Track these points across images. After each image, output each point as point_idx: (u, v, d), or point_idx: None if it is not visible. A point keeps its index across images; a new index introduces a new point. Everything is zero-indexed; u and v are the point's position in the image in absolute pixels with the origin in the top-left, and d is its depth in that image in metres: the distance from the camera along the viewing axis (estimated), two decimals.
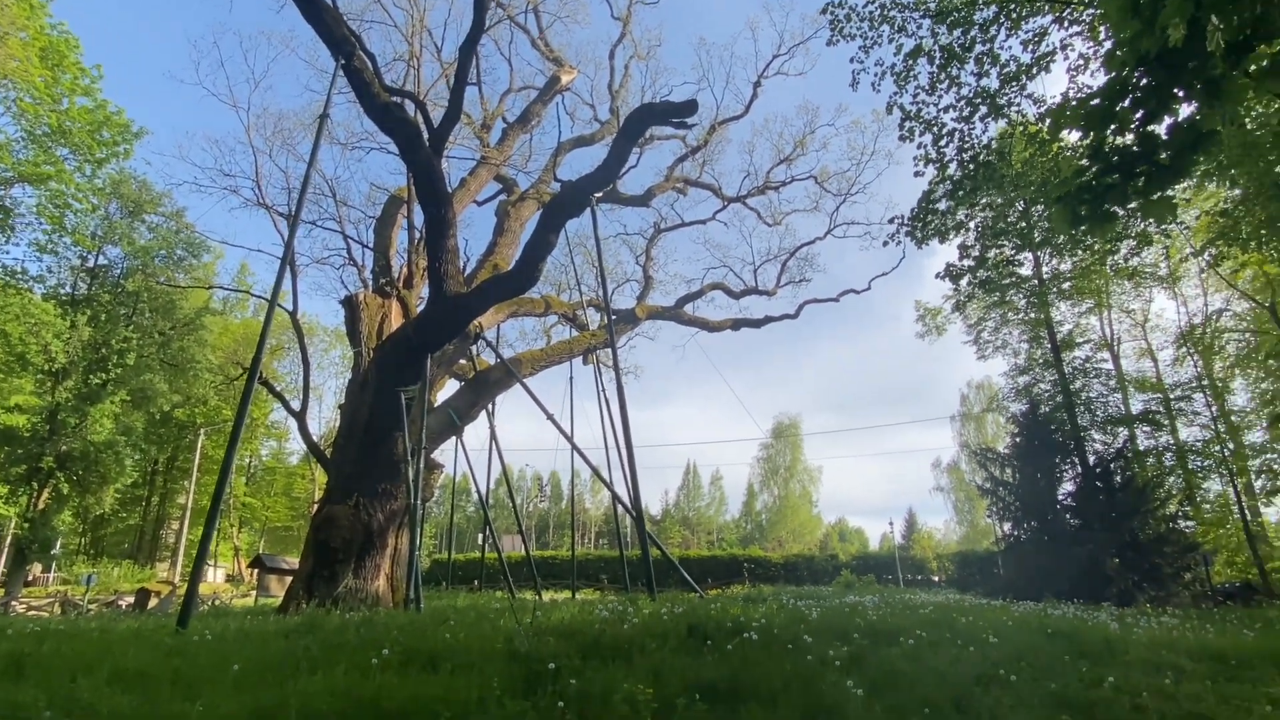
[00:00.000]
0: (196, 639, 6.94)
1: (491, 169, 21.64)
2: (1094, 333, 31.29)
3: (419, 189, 14.61)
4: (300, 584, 14.77)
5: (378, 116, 13.26)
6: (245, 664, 5.30)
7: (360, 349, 18.56)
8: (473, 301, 14.36)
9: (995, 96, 8.16)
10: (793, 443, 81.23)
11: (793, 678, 5.26)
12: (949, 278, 9.05)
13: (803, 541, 72.28)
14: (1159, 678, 6.52)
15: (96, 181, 29.25)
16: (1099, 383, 27.91)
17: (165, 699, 4.57)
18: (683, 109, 12.00)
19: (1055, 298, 27.40)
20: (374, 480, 15.11)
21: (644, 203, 25.47)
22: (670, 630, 6.65)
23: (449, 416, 19.37)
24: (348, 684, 4.76)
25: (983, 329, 30.54)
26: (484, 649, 5.78)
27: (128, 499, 47.20)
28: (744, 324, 25.32)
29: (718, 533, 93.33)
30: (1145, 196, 3.97)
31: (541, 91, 22.94)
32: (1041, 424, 23.44)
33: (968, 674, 6.16)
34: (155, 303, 35.07)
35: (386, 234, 21.02)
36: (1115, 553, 19.75)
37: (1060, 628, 8.72)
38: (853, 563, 34.93)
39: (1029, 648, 7.23)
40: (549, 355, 21.48)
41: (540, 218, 13.67)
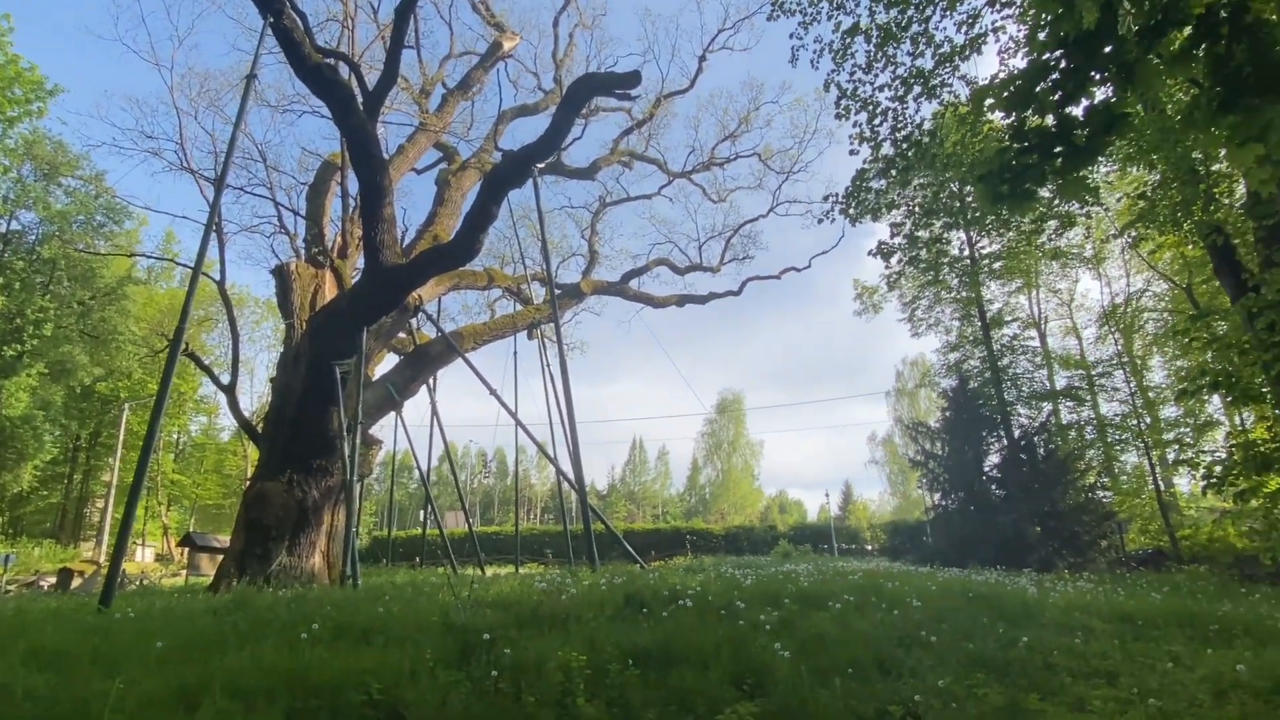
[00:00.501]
0: (119, 617, 6.73)
1: (431, 136, 21.10)
2: (1022, 311, 32.58)
3: (353, 155, 14.14)
4: (232, 562, 14.43)
5: (309, 78, 12.75)
6: (169, 642, 5.16)
7: (292, 321, 17.98)
8: (411, 273, 14.06)
9: (929, 77, 8.33)
10: (736, 418, 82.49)
11: (724, 642, 5.39)
12: (881, 255, 9.27)
13: (744, 514, 73.70)
14: (1071, 638, 6.88)
15: (8, 142, 27.46)
16: (1026, 359, 29.12)
17: (84, 677, 4.43)
18: (627, 80, 11.90)
19: (986, 277, 28.32)
20: (308, 456, 14.78)
21: (589, 175, 25.24)
22: (608, 600, 6.72)
23: (387, 391, 19.00)
24: (275, 659, 4.68)
25: (917, 307, 31.41)
26: (419, 622, 5.76)
27: (48, 476, 44.97)
28: (689, 300, 25.46)
29: (662, 507, 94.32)
30: (1063, 176, 4.11)
31: (483, 58, 22.39)
32: (970, 399, 24.32)
33: (891, 636, 6.41)
34: (74, 271, 33.18)
35: (320, 201, 20.33)
36: (1037, 521, 20.75)
37: (981, 592, 9.12)
38: (790, 533, 35.79)
39: (950, 611, 7.55)
40: (492, 329, 21.23)
41: (481, 188, 13.41)
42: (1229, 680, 5.07)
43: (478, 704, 4.21)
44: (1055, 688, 5.32)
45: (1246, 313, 9.27)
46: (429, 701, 4.12)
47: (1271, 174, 4.68)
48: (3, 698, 4.08)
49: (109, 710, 3.90)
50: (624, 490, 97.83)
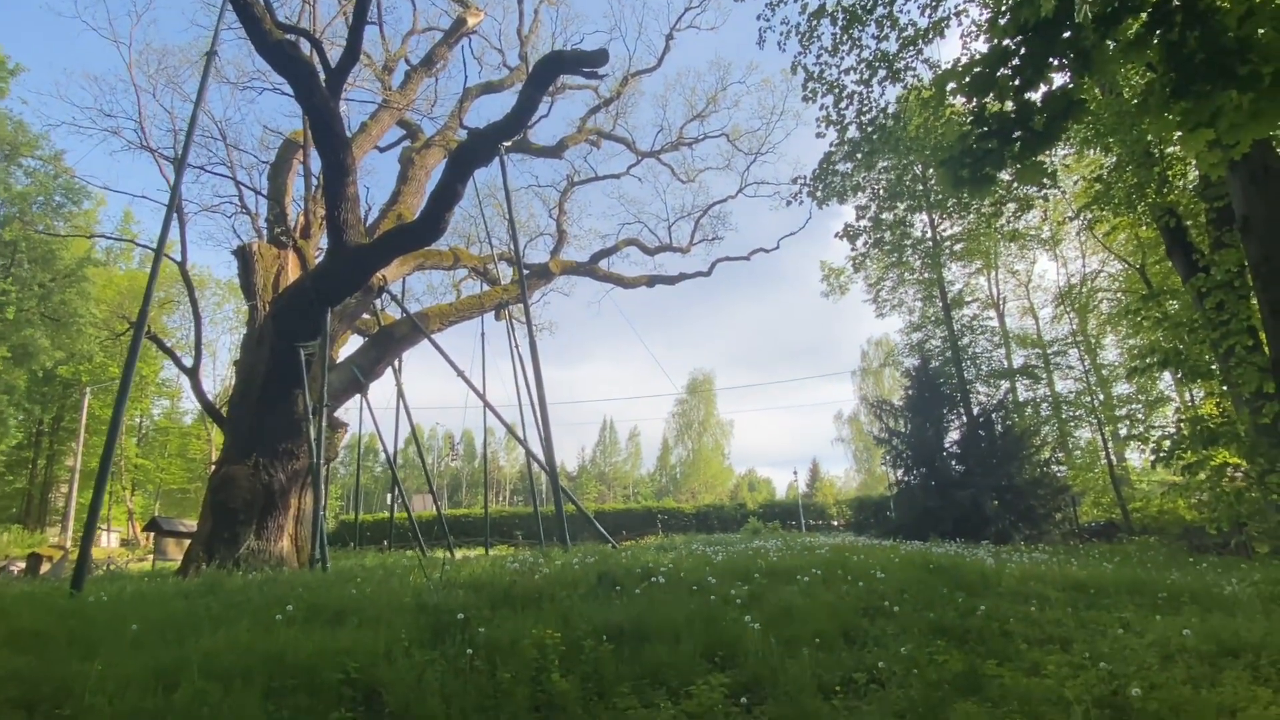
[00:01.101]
0: (92, 600, 6.67)
1: (394, 113, 20.74)
2: (982, 292, 33.23)
3: (316, 133, 13.86)
4: (199, 546, 14.26)
5: (270, 55, 12.45)
6: (144, 624, 5.14)
7: (255, 302, 17.67)
8: (375, 253, 13.89)
9: (894, 60, 8.42)
10: (706, 398, 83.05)
11: (695, 616, 5.52)
12: (846, 238, 9.38)
13: (714, 492, 74.39)
14: (1027, 606, 7.16)
15: None
16: (985, 339, 29.81)
17: (62, 660, 4.43)
18: (594, 58, 11.81)
19: (947, 259, 28.83)
20: (274, 440, 14.62)
21: (556, 154, 25.04)
22: (581, 579, 6.82)
23: (352, 373, 18.77)
24: (251, 640, 4.70)
25: (881, 288, 31.90)
26: (392, 603, 5.80)
27: (13, 461, 43.69)
28: (659, 280, 25.48)
29: (633, 487, 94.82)
30: (1021, 161, 4.23)
31: (447, 34, 21.99)
32: (931, 377, 24.83)
33: (856, 607, 6.62)
34: (34, 253, 32.01)
35: (282, 180, 19.93)
36: (994, 495, 21.34)
37: (941, 563, 9.39)
38: (760, 510, 36.28)
39: (912, 582, 7.79)
40: (458, 310, 21.06)
41: (446, 167, 13.27)
42: (1176, 645, 5.34)
43: (453, 681, 4.28)
44: (1011, 654, 5.54)
45: (1196, 292, 9.62)
46: (405, 680, 4.17)
47: (1221, 158, 4.86)
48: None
49: (90, 691, 3.90)
50: (594, 471, 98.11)
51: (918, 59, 8.62)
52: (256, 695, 3.91)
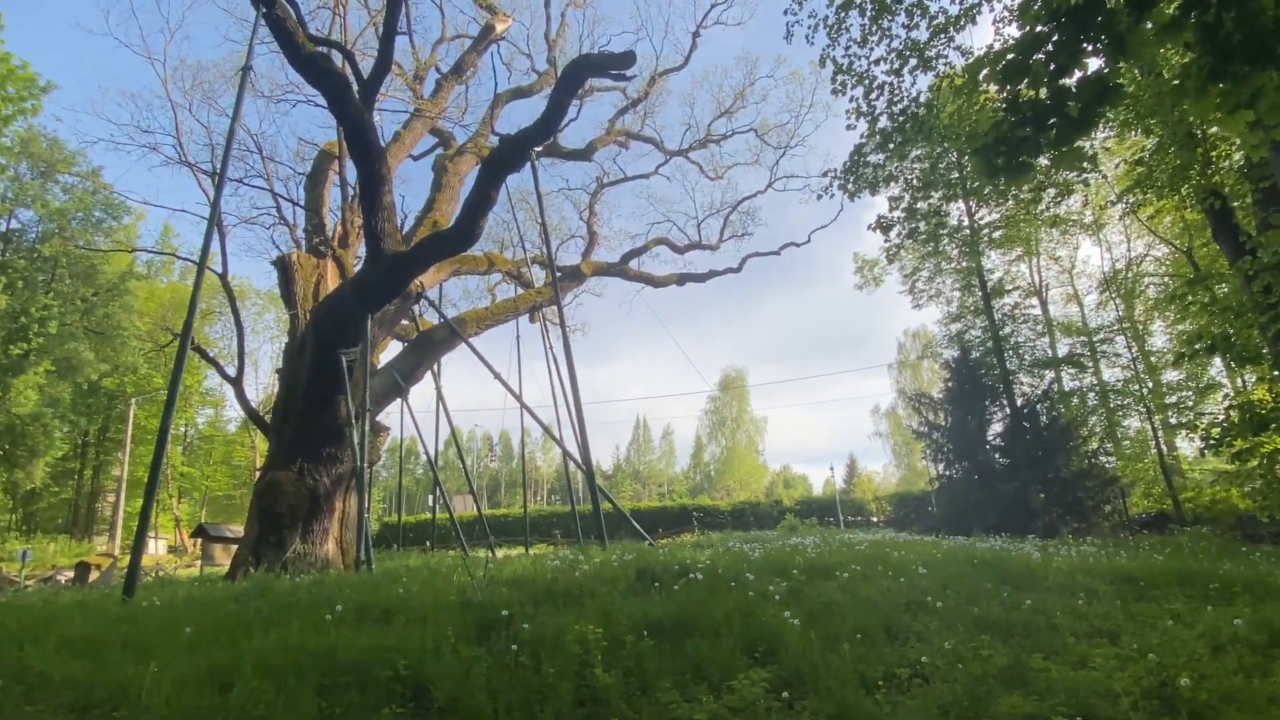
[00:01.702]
0: (145, 606, 6.90)
1: (426, 122, 21.05)
2: (1023, 280, 32.56)
3: (350, 144, 14.14)
4: (247, 551, 14.62)
5: (304, 68, 12.75)
6: (197, 627, 5.32)
7: (296, 311, 18.06)
8: (412, 260, 14.12)
9: (924, 49, 8.30)
10: (739, 395, 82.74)
11: (735, 612, 5.54)
12: (880, 229, 9.28)
13: (749, 489, 74.07)
14: (1074, 600, 7.04)
15: (3, 140, 27.41)
16: (1027, 328, 29.13)
17: (117, 663, 4.58)
18: (621, 60, 11.87)
19: (986, 246, 28.30)
20: (317, 445, 14.90)
21: (586, 156, 25.17)
22: (620, 576, 6.88)
23: (393, 378, 19.13)
24: (302, 640, 4.84)
25: (917, 278, 31.39)
26: (437, 601, 5.91)
27: (60, 472, 45.35)
28: (689, 278, 25.47)
29: (668, 485, 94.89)
30: (1057, 148, 4.17)
31: (475, 41, 22.25)
32: (972, 369, 24.42)
33: (898, 602, 6.57)
34: (75, 268, 33.23)
35: (318, 191, 20.34)
36: (1040, 488, 20.93)
37: (986, 558, 9.28)
38: (796, 507, 36.03)
39: (955, 577, 7.71)
40: (494, 314, 21.31)
41: (479, 174, 13.43)
42: (1227, 635, 5.21)
43: (500, 677, 4.36)
44: (1058, 647, 5.47)
45: (1244, 275, 9.32)
46: (452, 675, 4.27)
47: (1262, 139, 4.74)
48: (43, 684, 4.24)
49: (145, 693, 4.06)
50: (629, 470, 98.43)
51: (949, 46, 8.50)
52: (309, 692, 4.04)
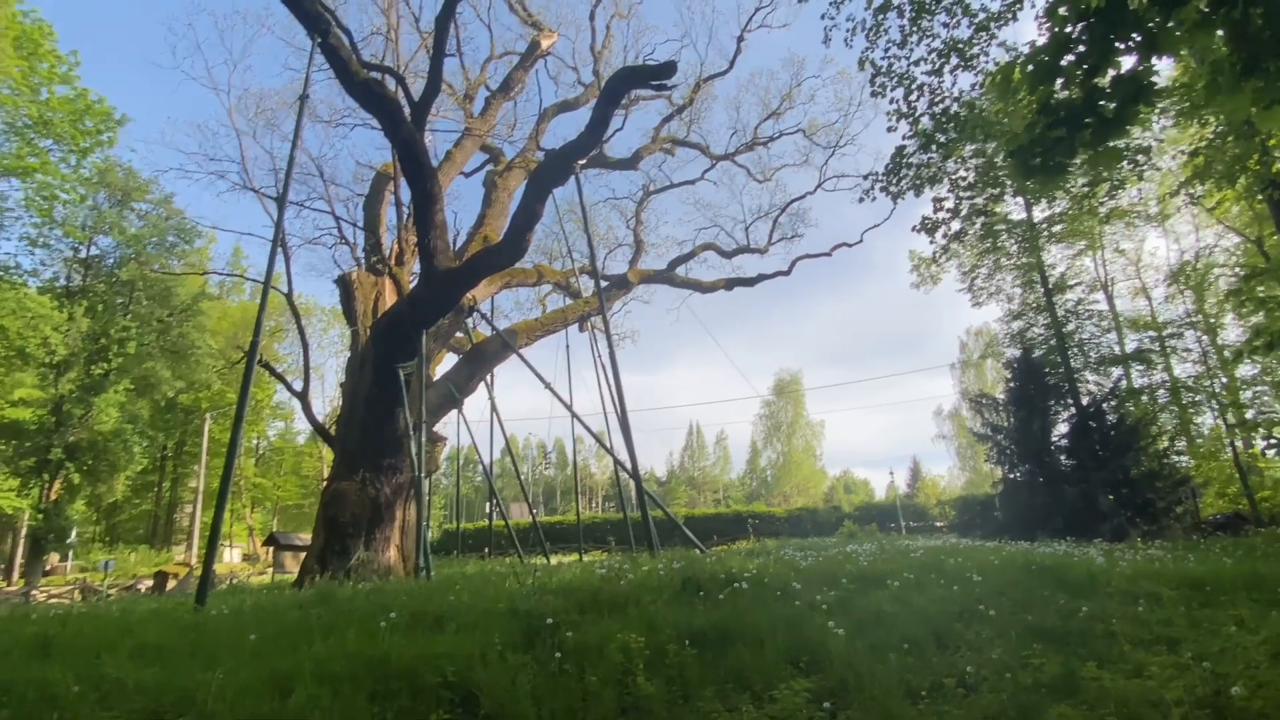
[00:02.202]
0: (215, 614, 7.26)
1: (476, 140, 21.55)
2: (1088, 274, 31.41)
3: (403, 164, 14.61)
4: (314, 559, 15.16)
5: (358, 94, 13.23)
6: (261, 634, 5.59)
7: (357, 328, 18.72)
8: (464, 275, 14.47)
9: (966, 47, 8.14)
10: (794, 398, 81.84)
11: (779, 621, 5.54)
12: (925, 231, 9.11)
13: (807, 495, 73.22)
14: (1134, 606, 6.82)
15: (82, 171, 29.15)
16: (1092, 324, 28.14)
17: (186, 670, 4.84)
18: (662, 70, 11.97)
19: (1046, 241, 27.47)
20: (378, 456, 15.34)
21: (632, 165, 25.36)
22: (666, 584, 6.94)
23: (448, 390, 19.60)
24: (358, 647, 5.04)
25: (976, 276, 30.62)
26: (487, 609, 6.08)
27: (139, 485, 47.73)
28: (737, 283, 25.39)
29: (723, 491, 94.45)
30: (1093, 148, 4.11)
31: (522, 58, 22.70)
32: (1034, 368, 23.72)
33: (950, 611, 6.46)
34: (151, 290, 35.09)
35: (375, 211, 21.04)
36: (1108, 490, 20.17)
37: (1045, 564, 9.02)
38: (856, 513, 35.50)
39: (1011, 584, 7.53)
40: (544, 325, 21.64)
41: (525, 188, 13.72)
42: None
43: (544, 684, 4.48)
44: (1114, 656, 5.32)
45: None
46: (499, 683, 4.40)
47: None
48: (116, 690, 4.52)
49: (211, 698, 4.30)
50: (684, 476, 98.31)
51: (992, 43, 8.35)
52: (363, 698, 4.22)
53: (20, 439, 30.24)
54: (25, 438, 30.25)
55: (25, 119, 25.49)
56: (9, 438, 29.98)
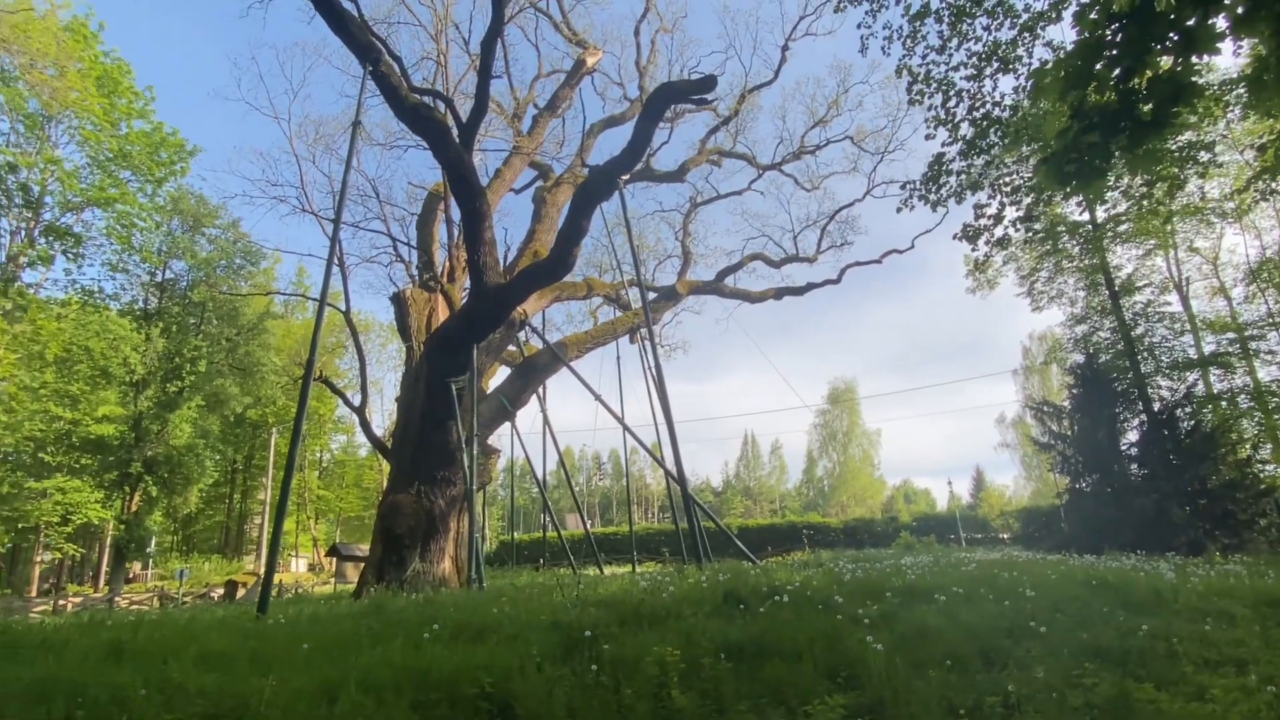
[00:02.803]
0: (273, 623, 7.55)
1: (525, 157, 21.98)
2: (1159, 274, 30.06)
3: (452, 184, 15.01)
4: (371, 569, 15.58)
5: (407, 118, 13.67)
6: (314, 643, 5.79)
7: (411, 343, 19.24)
8: (512, 291, 14.74)
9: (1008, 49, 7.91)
10: (850, 407, 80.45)
11: (818, 636, 5.49)
12: (967, 239, 8.85)
13: (865, 505, 71.81)
14: (1202, 625, 6.51)
15: (158, 200, 30.74)
16: (1163, 326, 26.89)
17: (244, 676, 5.06)
18: (702, 85, 12.07)
19: (1111, 242, 26.46)
20: (432, 468, 15.66)
21: (678, 178, 25.49)
22: (707, 597, 6.94)
23: (500, 403, 19.97)
24: (403, 657, 5.19)
25: (1036, 279, 29.64)
26: (529, 620, 6.18)
27: (212, 497, 49.80)
28: (786, 293, 25.21)
29: (780, 501, 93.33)
30: (1131, 152, 4.00)
31: (568, 76, 23.09)
32: (1100, 373, 22.82)
33: (999, 627, 6.28)
34: (220, 311, 36.86)
35: (428, 230, 21.63)
36: (1183, 501, 19.22)
37: (1107, 579, 8.69)
38: (914, 524, 34.63)
39: (1068, 600, 7.28)
40: (593, 337, 21.86)
41: (570, 204, 13.94)
42: None
43: (579, 696, 4.54)
44: (1175, 677, 5.11)
45: None
46: (536, 694, 4.48)
47: None
48: (179, 694, 4.75)
49: (265, 704, 4.49)
50: (739, 486, 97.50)
51: (1036, 43, 8.12)
52: (405, 707, 4.35)
53: (104, 454, 31.95)
54: (108, 452, 31.96)
55: (107, 152, 27.05)
56: (94, 452, 31.73)
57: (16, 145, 25.87)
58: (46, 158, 25.93)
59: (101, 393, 31.57)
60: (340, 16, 12.54)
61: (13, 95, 24.19)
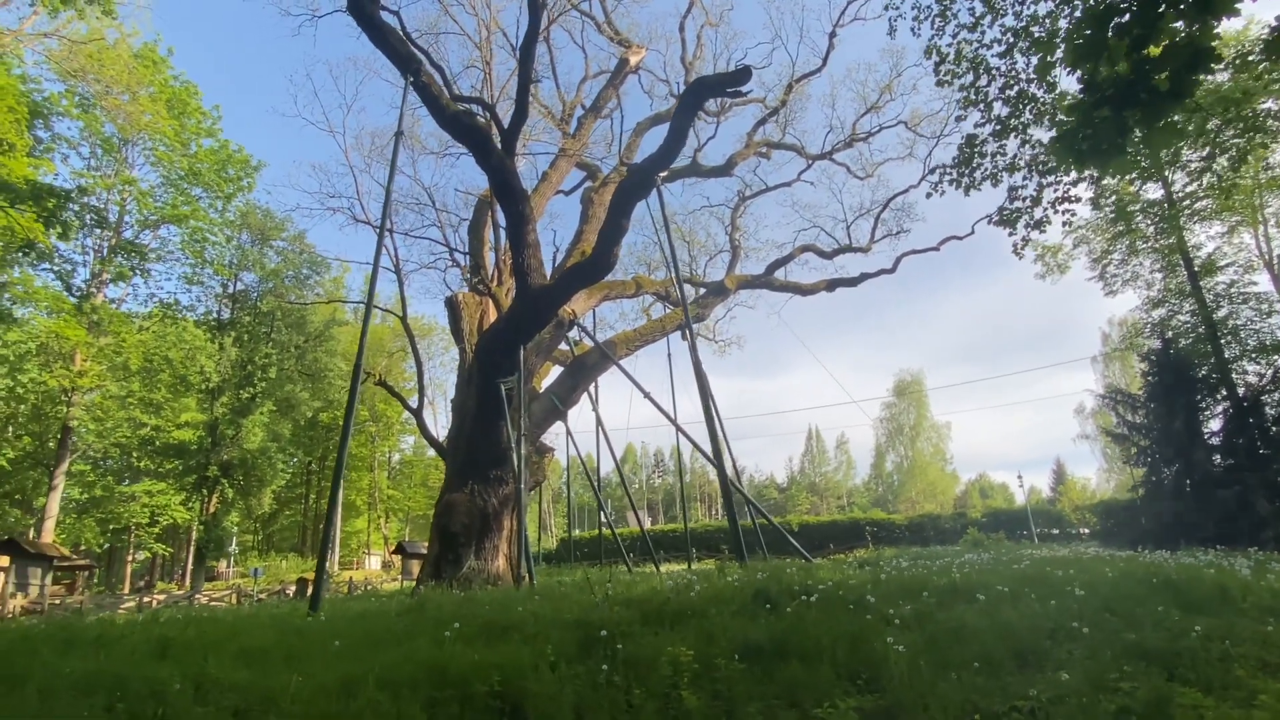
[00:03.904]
0: (318, 621, 7.82)
1: (571, 159, 22.13)
2: (1247, 252, 28.20)
3: (495, 189, 15.23)
4: (429, 567, 15.95)
5: (449, 126, 13.93)
6: (345, 641, 5.97)
7: (464, 345, 19.63)
8: (555, 293, 14.86)
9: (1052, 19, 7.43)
10: (917, 400, 78.37)
11: (842, 636, 5.35)
12: (1003, 224, 8.37)
13: (935, 500, 69.80)
14: (1265, 625, 6.10)
15: (228, 215, 32.30)
16: (1249, 308, 25.27)
17: (276, 672, 5.25)
18: (736, 78, 11.89)
19: (1189, 220, 25.00)
20: (485, 468, 15.92)
21: (726, 172, 25.23)
22: (736, 596, 6.85)
23: (551, 402, 20.18)
24: (426, 655, 5.30)
25: (1108, 262, 28.23)
26: (556, 619, 6.22)
27: (289, 498, 51.93)
28: (839, 284, 24.68)
29: (847, 497, 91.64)
30: (1147, 126, 3.76)
31: (611, 76, 23.13)
32: (1177, 359, 21.60)
33: (1042, 627, 6.01)
34: (288, 319, 38.37)
35: (479, 234, 22.02)
36: (1271, 493, 18.04)
37: (1170, 577, 8.22)
38: (983, 520, 33.50)
39: (1121, 599, 6.92)
40: (642, 335, 21.87)
41: (610, 204, 13.96)
42: None
43: (590, 695, 4.55)
44: (1227, 681, 4.80)
45: None
46: (546, 693, 4.51)
47: None
48: (214, 687, 4.96)
49: (290, 699, 4.65)
50: (804, 482, 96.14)
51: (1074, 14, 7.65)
52: (418, 704, 4.43)
53: (185, 458, 33.70)
54: (189, 456, 33.67)
55: (179, 171, 28.49)
56: (176, 457, 33.50)
57: (96, 169, 27.51)
58: (123, 179, 27.49)
59: (183, 399, 33.34)
60: (380, 30, 12.87)
61: (90, 121, 25.67)
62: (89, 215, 25.68)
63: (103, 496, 34.60)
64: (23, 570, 24.91)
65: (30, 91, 24.78)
